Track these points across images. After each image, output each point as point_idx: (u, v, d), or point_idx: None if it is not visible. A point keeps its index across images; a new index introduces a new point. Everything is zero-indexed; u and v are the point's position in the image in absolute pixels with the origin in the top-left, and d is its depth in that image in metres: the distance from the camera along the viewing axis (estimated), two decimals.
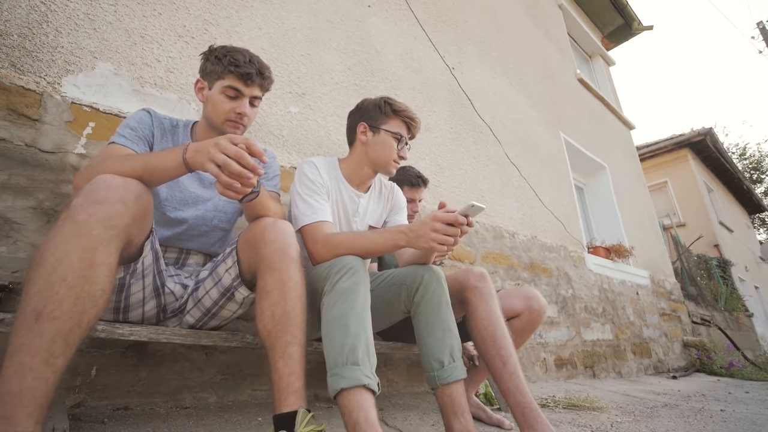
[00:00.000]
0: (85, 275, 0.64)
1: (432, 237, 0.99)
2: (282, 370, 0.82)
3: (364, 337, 0.92)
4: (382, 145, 1.28)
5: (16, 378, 0.57)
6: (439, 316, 1.12)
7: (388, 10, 2.70)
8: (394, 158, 1.29)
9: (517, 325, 1.44)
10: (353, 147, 1.35)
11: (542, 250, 3.14)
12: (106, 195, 0.69)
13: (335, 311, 0.94)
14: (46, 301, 0.61)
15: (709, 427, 1.62)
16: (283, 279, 0.86)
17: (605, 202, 4.75)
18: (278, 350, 0.83)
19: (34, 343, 0.59)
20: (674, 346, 4.57)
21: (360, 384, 0.85)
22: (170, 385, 1.24)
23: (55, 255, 0.63)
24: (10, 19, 1.22)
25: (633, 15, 6.54)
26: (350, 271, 0.99)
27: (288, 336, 0.84)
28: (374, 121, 1.29)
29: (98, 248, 0.66)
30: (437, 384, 1.08)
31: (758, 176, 19.50)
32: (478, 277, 1.23)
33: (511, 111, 3.56)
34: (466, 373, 1.12)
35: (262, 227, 0.91)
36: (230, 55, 1.06)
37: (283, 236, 0.90)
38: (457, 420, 1.06)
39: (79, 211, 0.66)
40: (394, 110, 1.28)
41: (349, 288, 0.96)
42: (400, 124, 1.29)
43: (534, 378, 2.56)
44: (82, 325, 0.64)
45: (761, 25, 13.77)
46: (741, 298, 8.28)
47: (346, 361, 0.88)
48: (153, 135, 1.07)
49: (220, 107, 1.07)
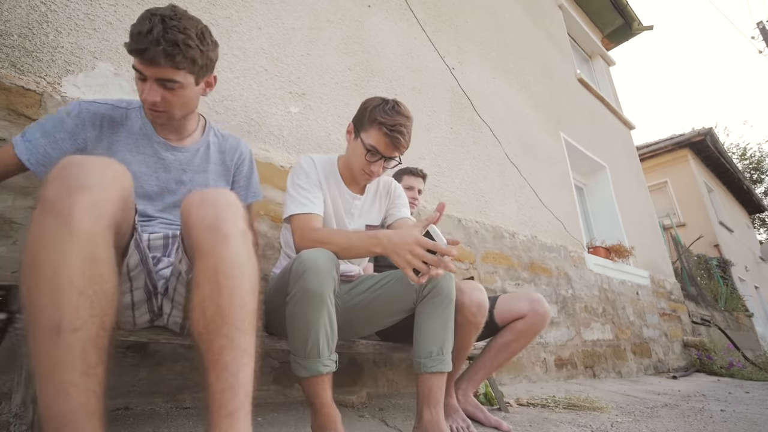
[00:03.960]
0: (91, 275, 0.57)
1: (407, 259, 0.96)
2: (213, 384, 0.61)
3: (324, 331, 0.96)
4: (354, 152, 1.22)
5: (63, 398, 0.52)
6: (443, 312, 1.15)
7: (388, 10, 2.70)
8: (364, 169, 1.20)
9: (520, 326, 1.48)
10: None
11: (542, 250, 3.14)
12: (87, 179, 0.59)
13: (300, 309, 0.95)
14: (61, 312, 0.53)
15: (709, 427, 1.62)
16: (215, 265, 0.66)
17: (605, 202, 4.75)
18: (210, 357, 0.62)
19: (66, 358, 0.53)
20: (674, 346, 4.57)
21: (318, 374, 0.97)
22: (170, 385, 1.24)
23: (51, 257, 0.55)
24: (10, 19, 1.22)
25: (633, 15, 6.54)
26: (315, 269, 0.96)
27: (222, 339, 0.63)
28: (359, 124, 1.21)
29: (96, 242, 0.58)
30: (421, 370, 1.13)
31: (758, 176, 19.50)
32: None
33: (511, 111, 3.56)
34: (451, 367, 1.16)
35: (188, 205, 0.71)
36: (134, 26, 0.87)
37: (214, 210, 0.69)
38: (428, 411, 1.11)
39: (59, 201, 0.56)
40: (378, 121, 1.15)
41: (314, 289, 0.94)
42: (380, 138, 1.16)
43: (534, 378, 2.56)
44: (106, 327, 0.58)
45: (761, 25, 13.77)
46: (741, 298, 8.28)
47: (307, 354, 0.96)
48: (77, 138, 0.94)
49: (139, 92, 0.92)
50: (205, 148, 1.12)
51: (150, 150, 1.03)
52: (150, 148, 1.03)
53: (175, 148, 1.07)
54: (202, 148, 1.12)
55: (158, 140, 1.04)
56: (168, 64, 0.88)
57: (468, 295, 1.29)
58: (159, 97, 0.91)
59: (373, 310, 1.21)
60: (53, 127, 0.93)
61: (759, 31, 13.88)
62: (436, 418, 1.10)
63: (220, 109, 1.65)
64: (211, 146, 1.14)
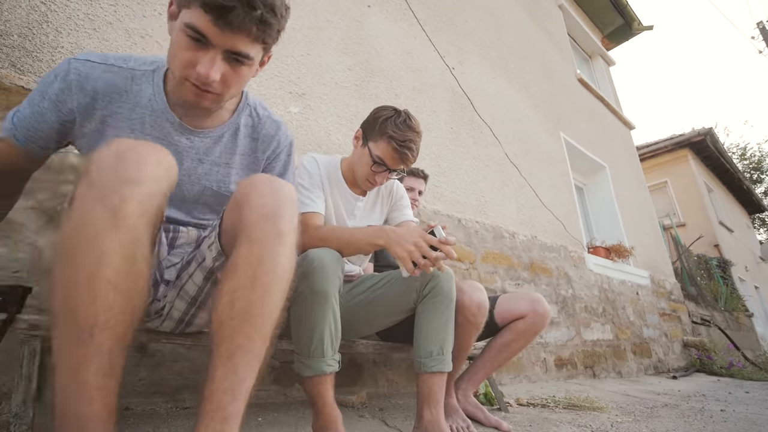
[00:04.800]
0: (129, 272, 0.53)
1: (409, 250, 1.00)
2: (218, 381, 0.56)
3: (329, 330, 0.97)
4: (360, 159, 1.23)
5: (87, 400, 0.49)
6: (443, 311, 1.15)
7: (388, 10, 2.70)
8: (368, 178, 1.22)
9: (521, 326, 1.48)
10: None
11: (542, 250, 3.14)
12: (140, 172, 0.54)
13: (306, 309, 0.96)
14: (97, 310, 0.50)
15: (709, 427, 1.62)
16: (260, 256, 0.60)
17: (605, 202, 4.75)
18: (223, 352, 0.57)
19: (95, 359, 0.50)
20: (674, 346, 4.57)
21: (321, 374, 0.97)
22: (170, 385, 1.24)
23: (91, 252, 0.51)
24: (10, 20, 1.22)
25: (633, 15, 6.54)
26: (321, 268, 0.96)
27: (241, 338, 0.58)
28: (369, 133, 1.21)
29: (139, 239, 0.54)
30: (421, 370, 1.13)
31: (758, 176, 19.50)
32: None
33: (511, 111, 3.56)
34: (451, 367, 1.16)
35: (250, 184, 0.65)
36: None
37: (276, 201, 0.63)
38: (429, 411, 1.11)
39: (109, 193, 0.51)
40: (388, 134, 1.15)
41: (321, 288, 0.95)
42: (389, 151, 1.16)
43: (534, 378, 2.56)
44: (134, 323, 0.55)
45: (761, 25, 13.78)
46: (741, 298, 8.28)
47: (312, 353, 0.96)
48: (61, 107, 0.76)
49: (177, 55, 0.70)
50: (231, 134, 0.90)
51: (159, 131, 0.82)
52: (159, 129, 0.82)
53: (192, 132, 0.84)
54: (228, 133, 0.89)
55: (171, 119, 0.82)
56: (255, 35, 0.69)
57: (468, 295, 1.29)
58: (220, 74, 0.71)
59: (373, 309, 1.22)
60: (39, 95, 0.76)
61: (759, 31, 13.89)
62: (436, 418, 1.10)
63: None
64: (241, 131, 0.91)
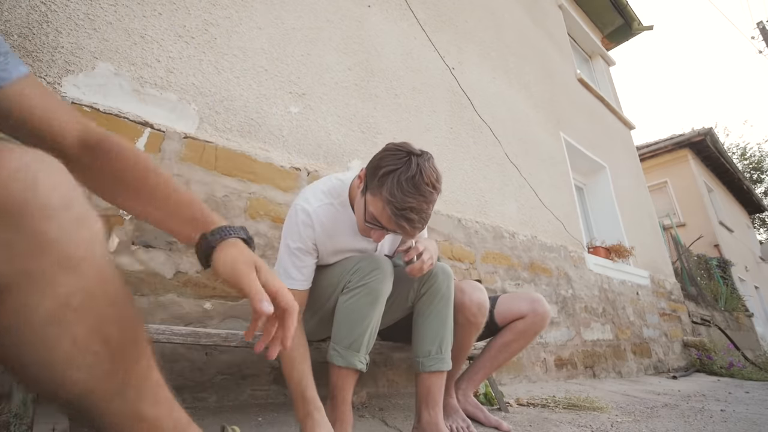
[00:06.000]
0: None
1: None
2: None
3: (371, 329, 1.00)
4: (357, 206, 1.04)
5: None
6: (441, 309, 1.15)
7: (388, 10, 2.70)
8: (363, 231, 1.05)
9: (521, 326, 1.47)
10: None
11: (542, 250, 3.14)
12: None
13: (358, 303, 1.00)
14: None
15: (709, 427, 1.62)
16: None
17: (605, 202, 4.75)
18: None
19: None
20: (674, 346, 4.57)
21: (353, 367, 1.00)
22: (170, 385, 1.24)
23: None
24: (10, 20, 1.22)
25: (633, 15, 6.54)
26: (383, 270, 1.03)
27: None
28: (369, 180, 0.98)
29: None
30: (419, 370, 1.13)
31: (758, 176, 19.50)
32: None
33: (511, 111, 3.56)
34: (450, 366, 1.16)
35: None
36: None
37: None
38: (427, 412, 1.11)
39: None
40: (386, 199, 0.92)
41: (379, 288, 1.01)
42: (384, 213, 0.94)
43: (534, 378, 2.56)
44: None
45: (761, 25, 13.78)
46: (741, 298, 8.28)
47: (350, 345, 1.00)
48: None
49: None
50: None
51: None
52: None
53: None
54: None
55: None
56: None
57: (468, 295, 1.29)
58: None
59: None
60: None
61: (759, 31, 13.89)
62: (434, 419, 1.10)
63: (220, 109, 1.65)
64: None
